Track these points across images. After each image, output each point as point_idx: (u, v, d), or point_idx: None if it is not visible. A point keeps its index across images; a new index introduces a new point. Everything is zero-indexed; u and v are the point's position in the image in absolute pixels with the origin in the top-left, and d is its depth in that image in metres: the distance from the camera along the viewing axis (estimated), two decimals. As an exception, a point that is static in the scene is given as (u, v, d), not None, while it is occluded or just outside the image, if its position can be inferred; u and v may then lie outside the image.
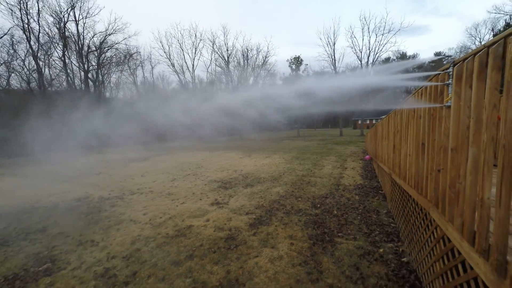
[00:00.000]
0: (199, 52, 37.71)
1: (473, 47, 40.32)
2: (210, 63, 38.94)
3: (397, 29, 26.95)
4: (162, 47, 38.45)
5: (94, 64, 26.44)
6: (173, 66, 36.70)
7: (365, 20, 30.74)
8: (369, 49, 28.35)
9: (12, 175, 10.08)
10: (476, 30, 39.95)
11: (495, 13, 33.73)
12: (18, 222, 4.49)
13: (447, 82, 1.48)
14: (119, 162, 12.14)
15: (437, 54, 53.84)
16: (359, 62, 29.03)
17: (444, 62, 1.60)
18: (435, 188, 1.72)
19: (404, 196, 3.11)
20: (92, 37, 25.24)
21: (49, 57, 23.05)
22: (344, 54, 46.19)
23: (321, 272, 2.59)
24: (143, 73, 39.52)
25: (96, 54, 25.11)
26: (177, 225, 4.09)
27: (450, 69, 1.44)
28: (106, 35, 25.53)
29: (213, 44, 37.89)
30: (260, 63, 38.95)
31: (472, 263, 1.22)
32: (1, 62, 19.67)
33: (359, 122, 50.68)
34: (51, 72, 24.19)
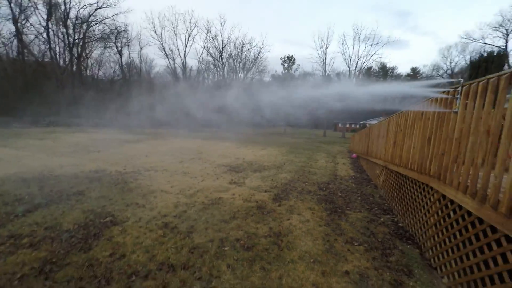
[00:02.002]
0: (192, 39, 36.74)
1: (445, 66, 44.91)
2: (202, 52, 38.30)
3: (384, 42, 29.17)
4: (154, 29, 36.91)
5: (77, 38, 24.73)
6: (164, 50, 35.57)
7: (357, 29, 32.57)
8: (357, 57, 30.31)
9: (1, 146, 9.58)
10: (448, 51, 44.43)
11: (466, 38, 37.97)
12: (49, 186, 4.71)
13: (457, 96, 2.32)
14: (113, 142, 12.02)
15: (413, 69, 58.70)
16: (348, 68, 30.90)
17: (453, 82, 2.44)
18: (439, 165, 2.58)
19: (400, 179, 4.06)
20: (80, 9, 23.62)
21: (24, 23, 21.08)
22: (334, 59, 48.36)
23: (342, 230, 3.42)
24: (129, 53, 37.64)
25: (84, 27, 23.53)
26: (208, 196, 4.66)
27: (459, 89, 2.28)
28: (96, 8, 24.02)
29: (207, 32, 37.36)
30: (252, 58, 39.29)
31: (463, 204, 2.07)
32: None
33: (339, 125, 54.03)
34: (27, 40, 22.20)
